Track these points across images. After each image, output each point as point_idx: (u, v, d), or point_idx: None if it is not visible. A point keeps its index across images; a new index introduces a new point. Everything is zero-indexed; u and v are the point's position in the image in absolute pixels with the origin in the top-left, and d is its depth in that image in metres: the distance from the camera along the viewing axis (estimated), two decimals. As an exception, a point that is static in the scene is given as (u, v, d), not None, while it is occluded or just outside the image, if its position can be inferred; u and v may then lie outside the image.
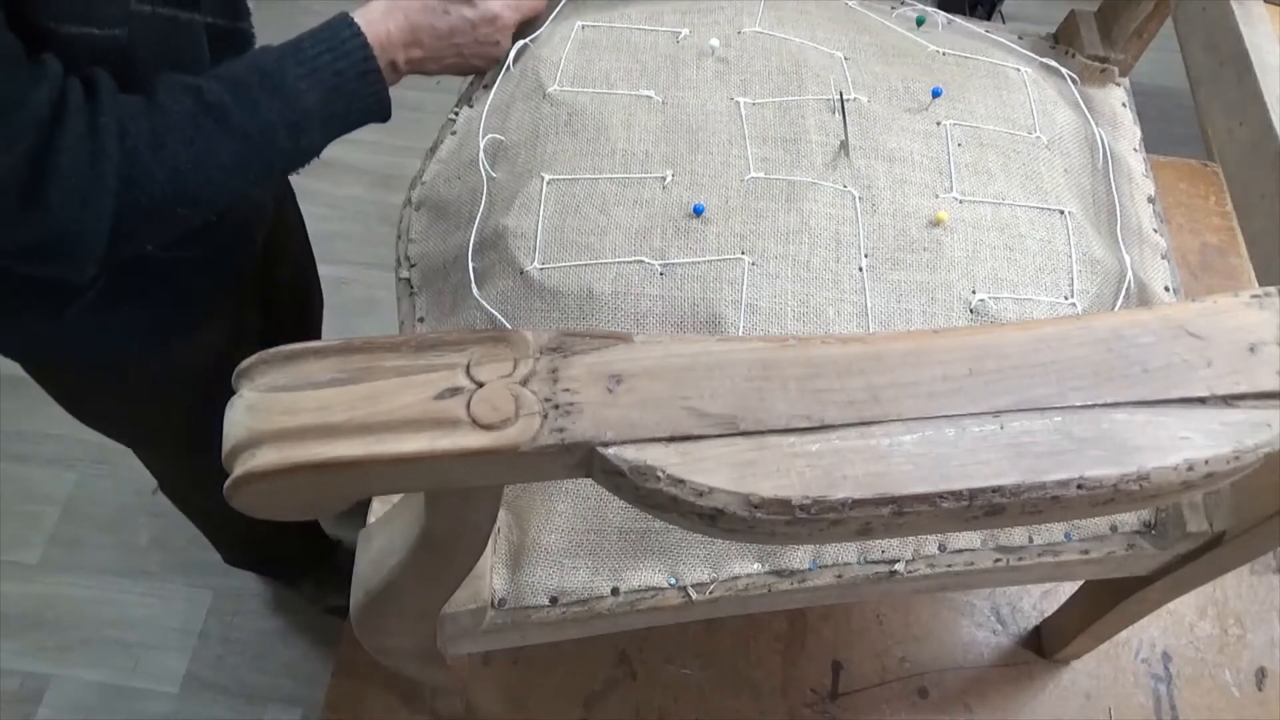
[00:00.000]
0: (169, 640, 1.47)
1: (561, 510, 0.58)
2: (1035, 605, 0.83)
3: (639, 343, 0.37)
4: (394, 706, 0.76)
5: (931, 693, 0.79)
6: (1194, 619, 0.83)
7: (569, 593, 0.56)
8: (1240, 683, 0.80)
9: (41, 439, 1.60)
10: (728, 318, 0.58)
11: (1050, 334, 0.39)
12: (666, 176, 0.63)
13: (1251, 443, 0.37)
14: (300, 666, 1.45)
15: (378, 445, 0.34)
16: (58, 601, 1.49)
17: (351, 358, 0.36)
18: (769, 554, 0.58)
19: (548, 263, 0.60)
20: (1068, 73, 0.77)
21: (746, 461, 0.35)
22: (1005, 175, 0.66)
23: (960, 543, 0.59)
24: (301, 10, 2.15)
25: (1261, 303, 0.40)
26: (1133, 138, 0.77)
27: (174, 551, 1.53)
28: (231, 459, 0.34)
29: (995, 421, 0.37)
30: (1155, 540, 0.60)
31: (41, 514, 1.56)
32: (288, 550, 1.35)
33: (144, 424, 0.95)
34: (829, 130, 0.66)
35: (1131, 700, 0.79)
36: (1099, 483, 0.36)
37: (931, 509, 0.35)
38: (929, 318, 0.60)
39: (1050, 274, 0.63)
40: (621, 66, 0.69)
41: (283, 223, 0.98)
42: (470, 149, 0.70)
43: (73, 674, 1.44)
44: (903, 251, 0.61)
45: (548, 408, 0.35)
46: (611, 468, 0.35)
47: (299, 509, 0.37)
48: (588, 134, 0.65)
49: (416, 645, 0.56)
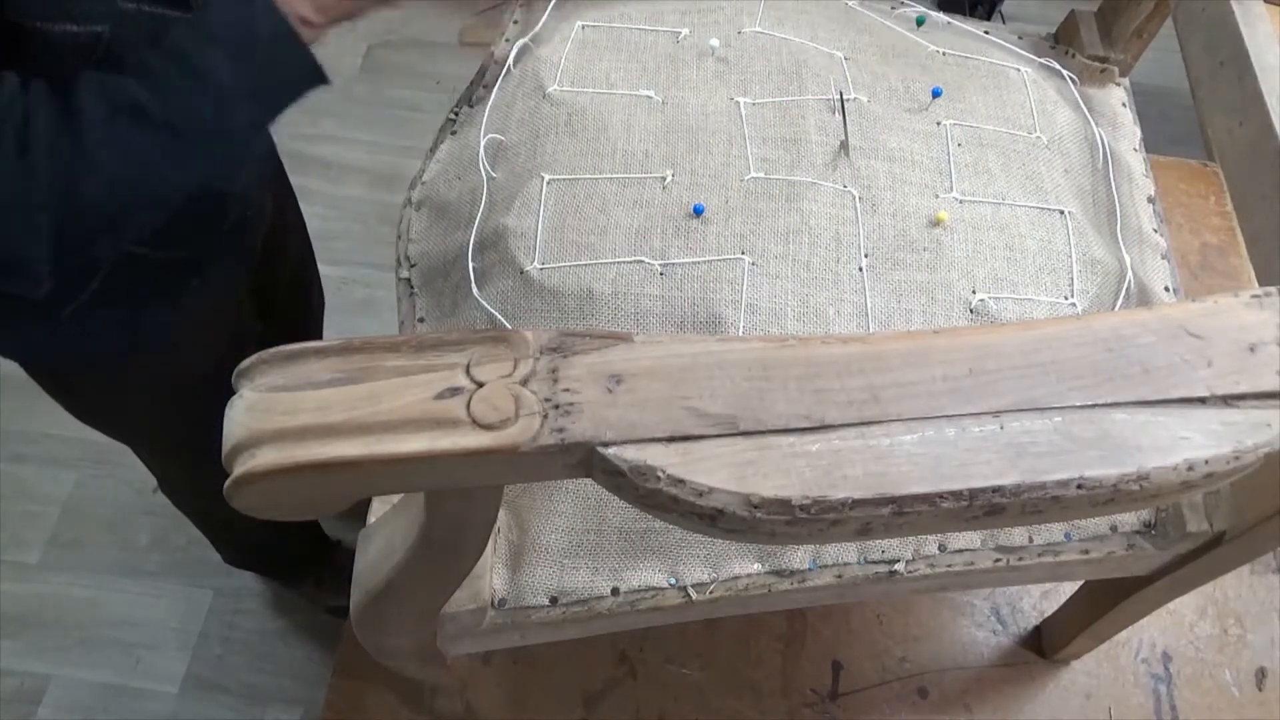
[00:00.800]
0: (169, 640, 1.46)
1: (561, 510, 0.58)
2: (1035, 605, 0.83)
3: (639, 343, 0.37)
4: (394, 706, 0.76)
5: (931, 693, 0.79)
6: (1194, 619, 0.83)
7: (569, 593, 0.56)
8: (1240, 683, 0.80)
9: (41, 439, 1.60)
10: (728, 318, 0.58)
11: (1050, 334, 0.39)
12: (666, 176, 0.63)
13: (1251, 443, 0.37)
14: (300, 666, 1.45)
15: (378, 445, 0.34)
16: (58, 601, 1.49)
17: (351, 358, 0.36)
18: (769, 554, 0.58)
19: (548, 263, 0.60)
20: (1068, 73, 0.77)
21: (746, 461, 0.35)
22: (1005, 175, 0.66)
23: (960, 543, 0.59)
24: (301, 10, 2.15)
25: (1261, 303, 0.40)
26: (1133, 138, 0.77)
27: (174, 551, 1.53)
28: (231, 459, 0.34)
29: (995, 421, 0.37)
30: (1155, 540, 0.60)
31: (41, 514, 1.56)
32: (288, 550, 1.35)
33: (144, 424, 0.95)
34: (829, 130, 0.66)
35: (1131, 700, 0.79)
36: (1099, 483, 0.36)
37: (931, 509, 0.35)
38: (929, 318, 0.60)
39: (1050, 274, 0.63)
40: (621, 66, 0.69)
41: (282, 223, 0.98)
42: (470, 149, 0.70)
43: (73, 674, 1.43)
44: (903, 251, 0.61)
45: (548, 408, 0.35)
46: (611, 468, 0.35)
47: (299, 509, 0.37)
48: (588, 134, 0.65)
49: (416, 645, 0.56)
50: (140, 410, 0.91)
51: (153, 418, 0.92)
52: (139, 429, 0.97)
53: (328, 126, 1.99)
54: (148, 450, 1.04)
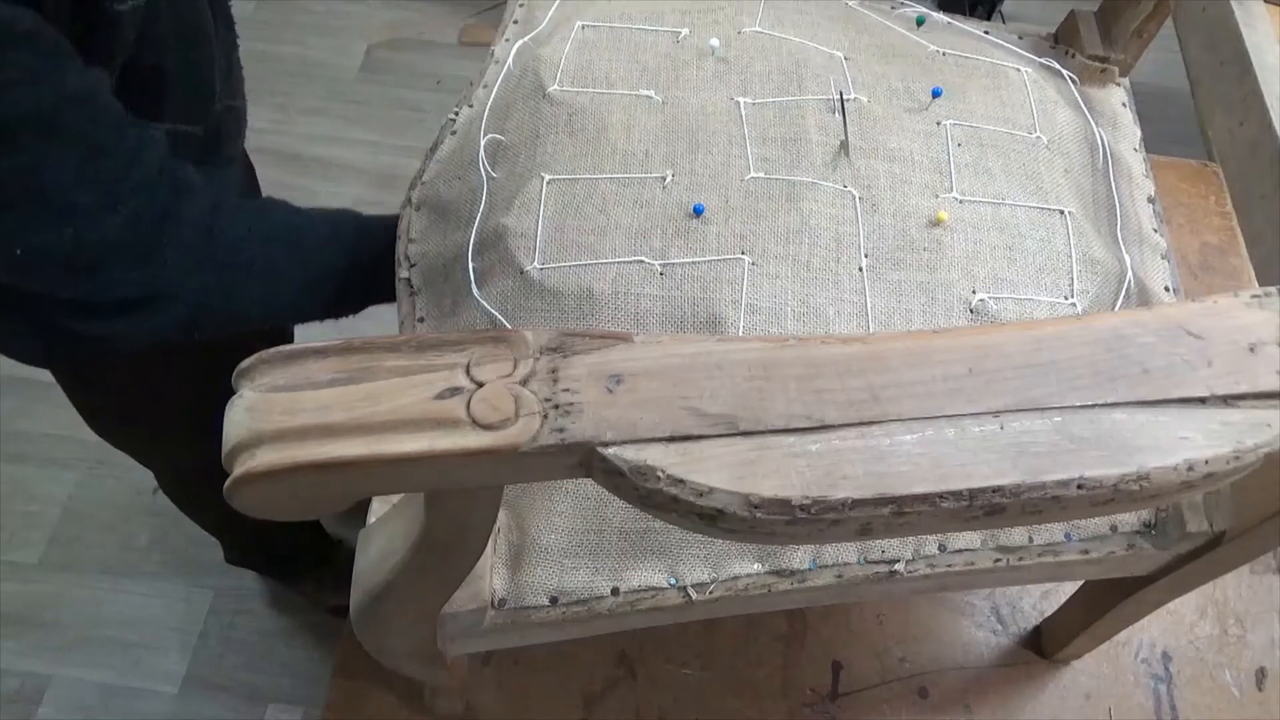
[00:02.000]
0: (169, 640, 1.46)
1: (561, 510, 0.58)
2: (1035, 605, 0.83)
3: (639, 343, 0.37)
4: (394, 706, 0.76)
5: (931, 693, 0.79)
6: (1194, 619, 0.83)
7: (569, 593, 0.56)
8: (1240, 683, 0.80)
9: (41, 439, 1.60)
10: (728, 318, 0.58)
11: (1050, 334, 0.39)
12: (666, 176, 0.63)
13: (1251, 443, 0.37)
14: (300, 666, 1.45)
15: (378, 445, 0.34)
16: (58, 601, 1.49)
17: (351, 358, 0.36)
18: (769, 554, 0.58)
19: (548, 263, 0.60)
20: (1068, 73, 0.77)
21: (746, 461, 0.35)
22: (1005, 175, 0.66)
23: (960, 543, 0.59)
24: (300, 10, 2.16)
25: (1261, 303, 0.40)
26: (1133, 138, 0.77)
27: (174, 551, 1.53)
28: (231, 459, 0.34)
29: (995, 421, 0.37)
30: (1155, 540, 0.60)
31: (41, 514, 1.56)
32: (289, 549, 1.35)
33: (144, 423, 0.94)
34: (829, 130, 0.66)
35: (1131, 700, 0.79)
36: (1099, 483, 0.36)
37: (931, 509, 0.35)
38: (929, 318, 0.60)
39: (1050, 274, 0.63)
40: (621, 66, 0.69)
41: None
42: (470, 149, 0.70)
43: (73, 674, 1.44)
44: (903, 251, 0.61)
45: (548, 408, 0.35)
46: (611, 468, 0.35)
47: (299, 509, 0.37)
48: (588, 134, 0.65)
49: (416, 645, 0.56)
50: (141, 408, 0.91)
51: (153, 415, 0.92)
52: (140, 428, 0.96)
53: (328, 126, 1.99)
54: (149, 448, 1.03)
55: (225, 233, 0.65)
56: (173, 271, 0.62)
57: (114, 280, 0.60)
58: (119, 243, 0.58)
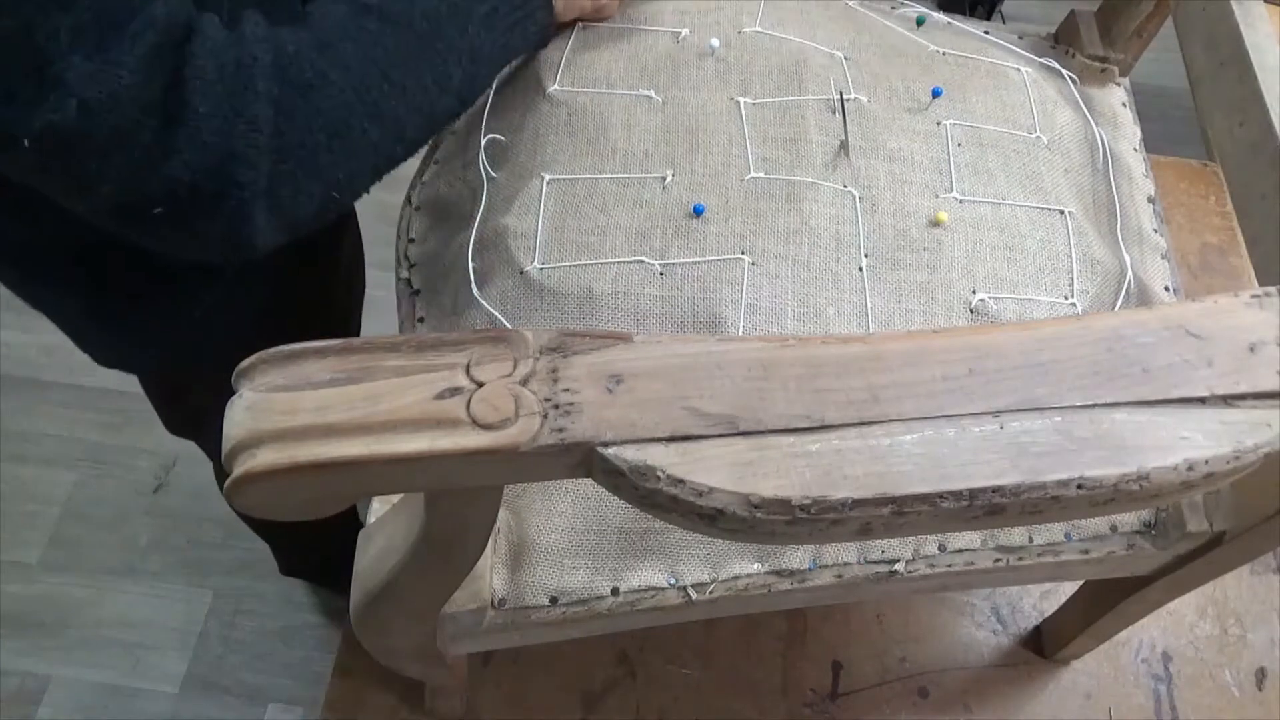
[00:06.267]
0: (169, 640, 1.47)
1: (561, 510, 0.58)
2: (1035, 605, 0.83)
3: (639, 343, 0.37)
4: (394, 706, 0.76)
5: (931, 693, 0.79)
6: (1194, 619, 0.83)
7: (569, 593, 0.56)
8: (1240, 683, 0.80)
9: (41, 439, 1.60)
10: (728, 318, 0.58)
11: (1050, 334, 0.39)
12: (666, 176, 0.63)
13: (1251, 443, 0.37)
14: (300, 666, 1.45)
15: (378, 445, 0.34)
16: (58, 601, 1.49)
17: (351, 358, 0.36)
18: (769, 554, 0.58)
19: (548, 263, 0.60)
20: (1068, 73, 0.77)
21: (746, 461, 0.35)
22: (1005, 175, 0.66)
23: (960, 543, 0.59)
24: None
25: (1261, 303, 0.40)
26: (1133, 138, 0.77)
27: (174, 551, 1.53)
28: (231, 459, 0.34)
29: (995, 421, 0.37)
30: (1155, 540, 0.60)
31: (41, 514, 1.56)
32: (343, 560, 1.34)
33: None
34: (829, 130, 0.66)
35: (1131, 700, 0.79)
36: (1099, 483, 0.36)
37: (931, 509, 0.35)
38: (929, 318, 0.60)
39: (1050, 274, 0.63)
40: (621, 66, 0.69)
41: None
42: (470, 149, 0.70)
43: (73, 674, 1.44)
44: (903, 251, 0.61)
45: (548, 408, 0.35)
46: (611, 468, 0.35)
47: (299, 509, 0.37)
48: (588, 134, 0.65)
49: (416, 645, 0.56)
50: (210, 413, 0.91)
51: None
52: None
53: (328, 126, 1.99)
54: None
55: (259, 58, 0.51)
56: (213, 121, 0.50)
57: (145, 154, 0.49)
58: (131, 101, 0.47)
